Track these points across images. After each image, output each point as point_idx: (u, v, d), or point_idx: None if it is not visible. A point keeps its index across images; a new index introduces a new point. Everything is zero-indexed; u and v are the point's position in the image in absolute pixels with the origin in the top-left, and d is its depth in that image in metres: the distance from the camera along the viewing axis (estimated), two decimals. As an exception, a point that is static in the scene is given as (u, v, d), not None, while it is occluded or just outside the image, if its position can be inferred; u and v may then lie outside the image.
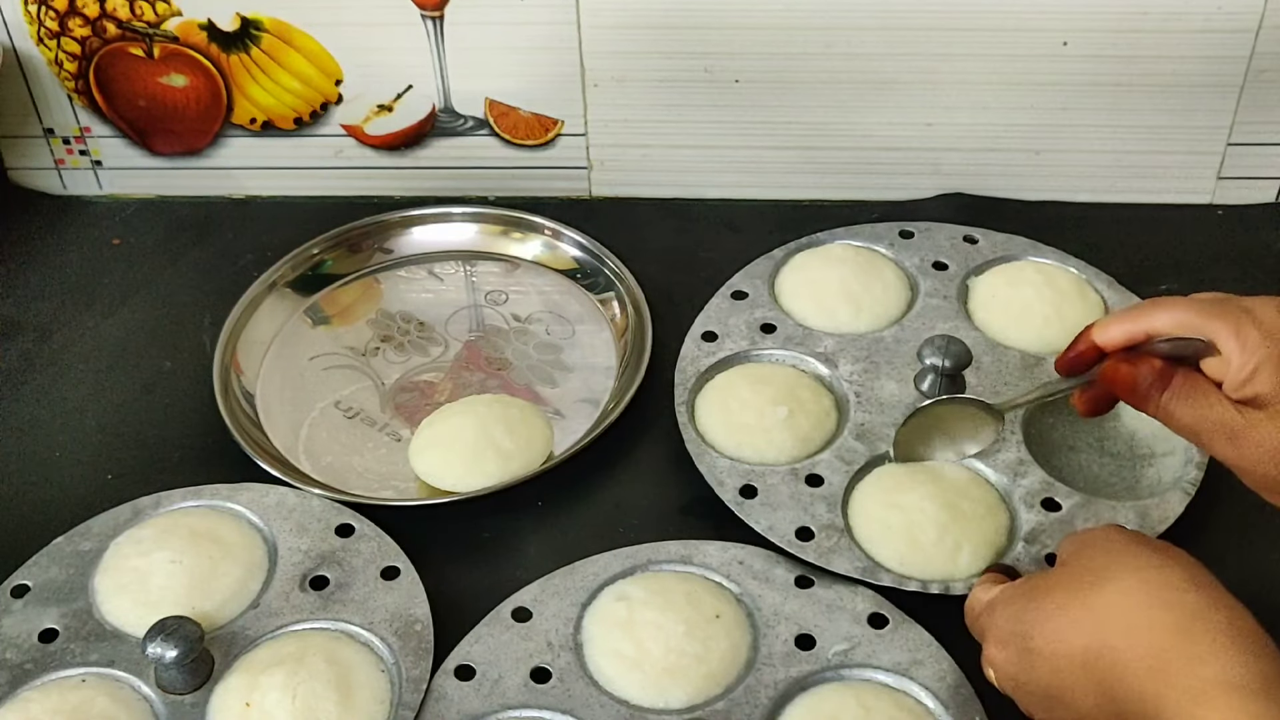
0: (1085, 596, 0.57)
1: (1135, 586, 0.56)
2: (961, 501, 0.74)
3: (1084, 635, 0.55)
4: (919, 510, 0.73)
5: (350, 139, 1.00)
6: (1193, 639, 0.53)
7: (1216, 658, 0.52)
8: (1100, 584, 0.57)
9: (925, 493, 0.74)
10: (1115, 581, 0.56)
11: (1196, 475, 0.75)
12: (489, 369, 0.88)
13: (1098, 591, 0.56)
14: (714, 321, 0.87)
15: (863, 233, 0.93)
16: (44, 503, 0.80)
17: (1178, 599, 0.54)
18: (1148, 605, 0.55)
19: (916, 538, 0.72)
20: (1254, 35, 0.90)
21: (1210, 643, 0.52)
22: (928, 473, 0.75)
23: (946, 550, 0.72)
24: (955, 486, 0.75)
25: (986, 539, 0.73)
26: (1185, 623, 0.53)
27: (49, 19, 0.95)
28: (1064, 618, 0.57)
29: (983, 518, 0.73)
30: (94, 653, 0.69)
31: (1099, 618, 0.55)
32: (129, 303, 0.94)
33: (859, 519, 0.75)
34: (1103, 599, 0.56)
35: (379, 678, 0.68)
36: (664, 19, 0.93)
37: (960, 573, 0.72)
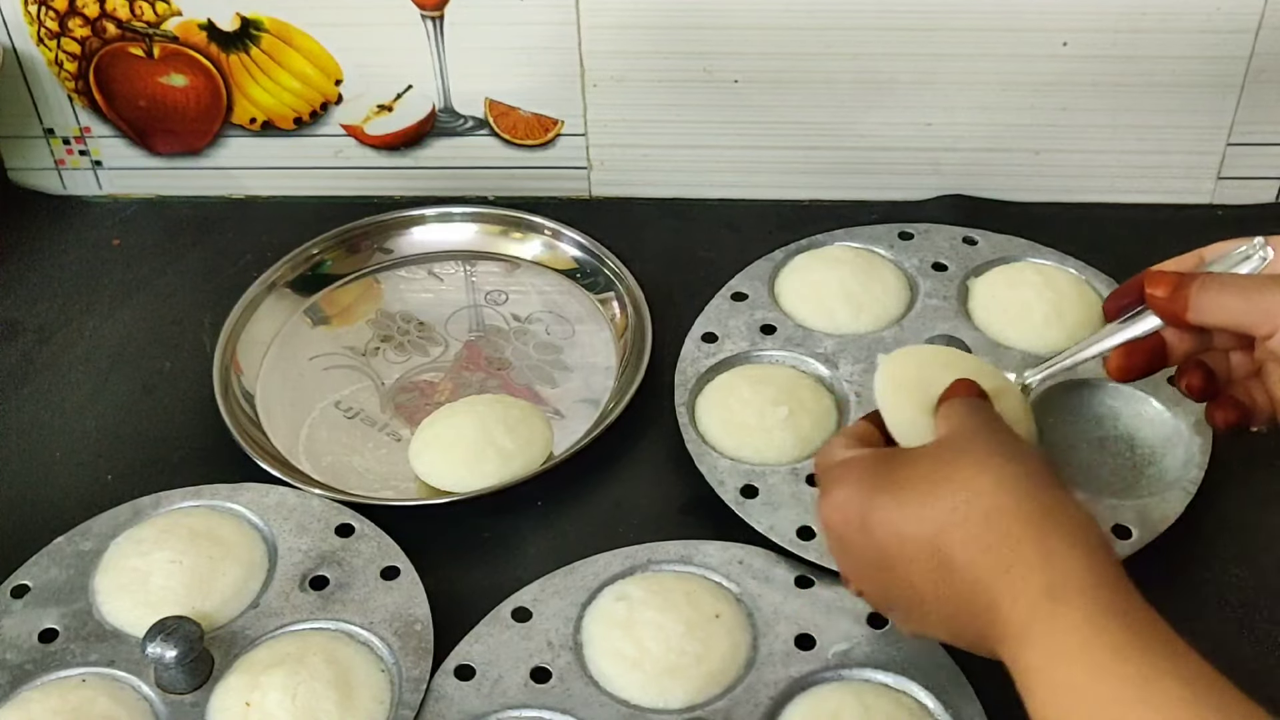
0: (931, 492, 0.56)
1: (978, 479, 0.55)
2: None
3: (930, 523, 0.55)
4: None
5: (350, 139, 1.00)
6: (1044, 532, 0.53)
7: (1071, 550, 0.52)
8: (945, 475, 0.56)
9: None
10: (958, 472, 0.56)
11: (1197, 475, 0.75)
12: (489, 369, 0.88)
13: (943, 485, 0.55)
14: (714, 323, 0.87)
15: (862, 234, 0.93)
16: (44, 503, 0.80)
17: (1032, 494, 0.54)
18: (993, 502, 0.54)
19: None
20: (1254, 35, 0.90)
21: (1062, 534, 0.52)
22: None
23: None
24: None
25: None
26: (1035, 517, 0.53)
27: (49, 19, 0.95)
28: (914, 499, 0.56)
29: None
30: (94, 653, 0.69)
31: (944, 516, 0.55)
32: (129, 303, 0.94)
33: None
34: (948, 494, 0.55)
35: (379, 677, 0.68)
36: (664, 19, 0.93)
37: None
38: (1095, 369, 0.81)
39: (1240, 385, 0.66)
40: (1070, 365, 0.69)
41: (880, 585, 0.59)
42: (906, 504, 0.56)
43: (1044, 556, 0.52)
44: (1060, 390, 0.81)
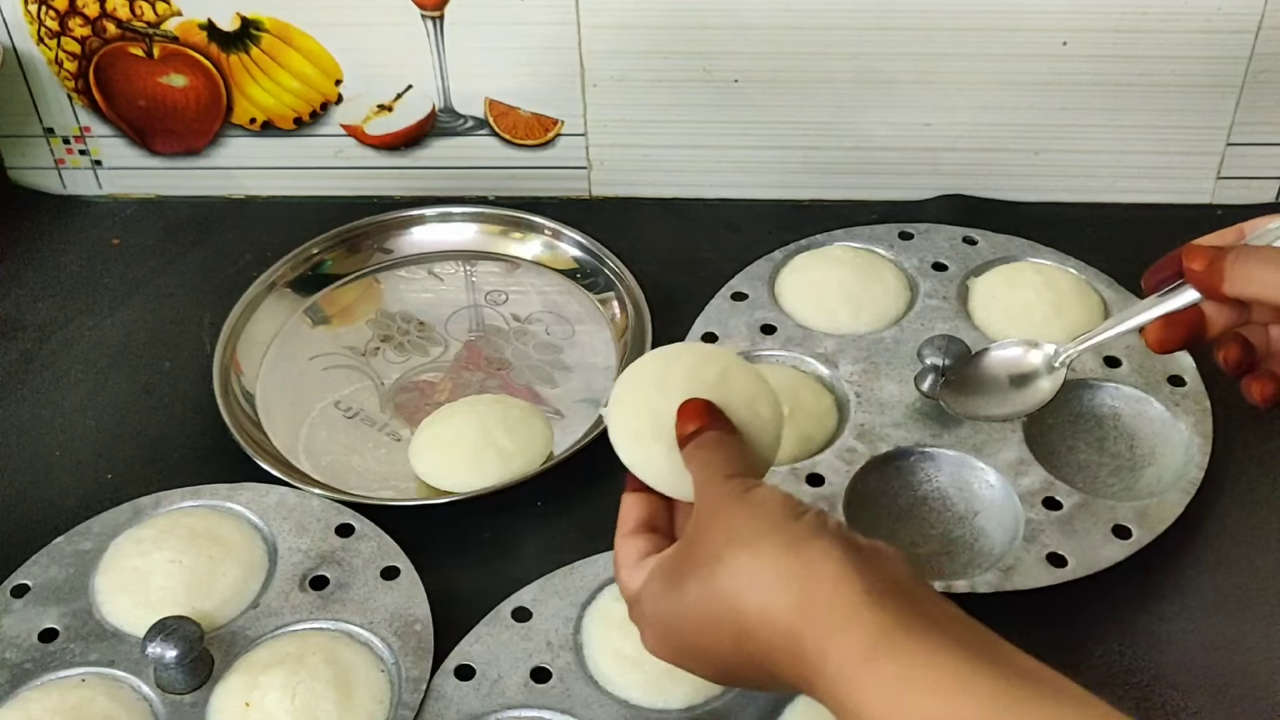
0: (713, 585, 0.54)
1: (752, 566, 0.53)
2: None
3: (727, 630, 0.53)
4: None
5: (350, 139, 1.00)
6: (815, 616, 0.51)
7: (845, 581, 0.50)
8: (721, 568, 0.53)
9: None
10: (733, 563, 0.53)
11: (1196, 475, 0.75)
12: (489, 369, 0.88)
13: (721, 577, 0.53)
14: (714, 323, 0.87)
15: (862, 234, 0.93)
16: (44, 502, 0.80)
17: (791, 574, 0.52)
18: (767, 586, 0.52)
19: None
20: (1254, 35, 0.90)
21: (827, 615, 0.50)
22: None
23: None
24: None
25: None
26: (804, 600, 0.51)
27: (49, 19, 0.95)
28: (703, 612, 0.54)
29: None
30: (94, 652, 0.69)
31: (731, 607, 0.53)
32: (129, 302, 0.94)
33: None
34: (728, 586, 0.53)
35: (379, 677, 0.68)
36: (663, 19, 0.93)
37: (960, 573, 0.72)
38: (1095, 369, 0.82)
39: (1278, 359, 0.65)
40: (1109, 338, 0.68)
41: (738, 679, 0.57)
42: (706, 625, 0.54)
43: (816, 640, 0.50)
44: (1060, 390, 0.81)
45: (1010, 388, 0.71)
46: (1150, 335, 0.66)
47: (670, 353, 0.63)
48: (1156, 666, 0.69)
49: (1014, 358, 0.72)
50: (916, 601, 0.51)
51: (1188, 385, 0.81)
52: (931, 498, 0.77)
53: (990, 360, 0.72)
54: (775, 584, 0.52)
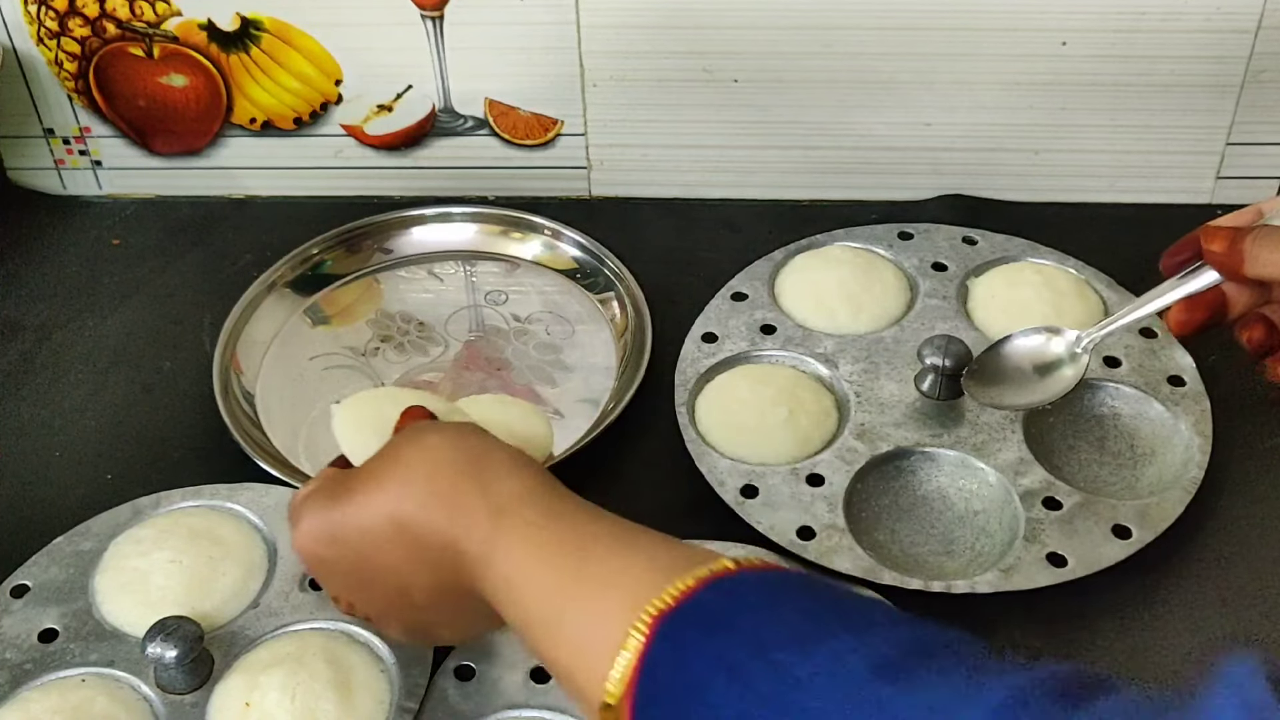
0: (379, 476, 0.58)
1: (417, 451, 0.58)
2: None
3: (384, 504, 0.57)
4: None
5: (350, 139, 1.00)
6: (480, 470, 0.56)
7: (506, 477, 0.56)
8: (389, 460, 0.58)
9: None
10: (400, 452, 0.58)
11: (1197, 475, 0.75)
12: (489, 369, 0.88)
13: (388, 467, 0.58)
14: (714, 323, 0.87)
15: (862, 234, 0.93)
16: (44, 502, 0.80)
17: (459, 445, 0.58)
18: (433, 460, 0.57)
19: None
20: (1253, 35, 0.90)
21: (495, 468, 0.56)
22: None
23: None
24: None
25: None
26: (470, 461, 0.57)
27: (49, 19, 0.95)
28: (365, 501, 0.58)
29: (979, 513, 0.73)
30: (94, 653, 0.69)
31: (395, 490, 0.57)
32: (129, 303, 0.94)
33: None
34: (394, 471, 0.57)
35: (379, 678, 0.68)
36: (663, 19, 0.93)
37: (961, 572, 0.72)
38: (1095, 368, 0.81)
39: None
40: (1130, 323, 0.68)
41: (367, 588, 0.60)
42: (360, 501, 0.58)
43: (482, 488, 0.55)
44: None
45: (1034, 375, 0.72)
46: (1172, 318, 0.66)
47: (411, 391, 0.70)
48: (1157, 666, 0.69)
49: (1037, 345, 0.72)
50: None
51: (1187, 385, 0.81)
52: (931, 498, 0.77)
53: (1014, 349, 0.72)
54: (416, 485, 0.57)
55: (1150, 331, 0.84)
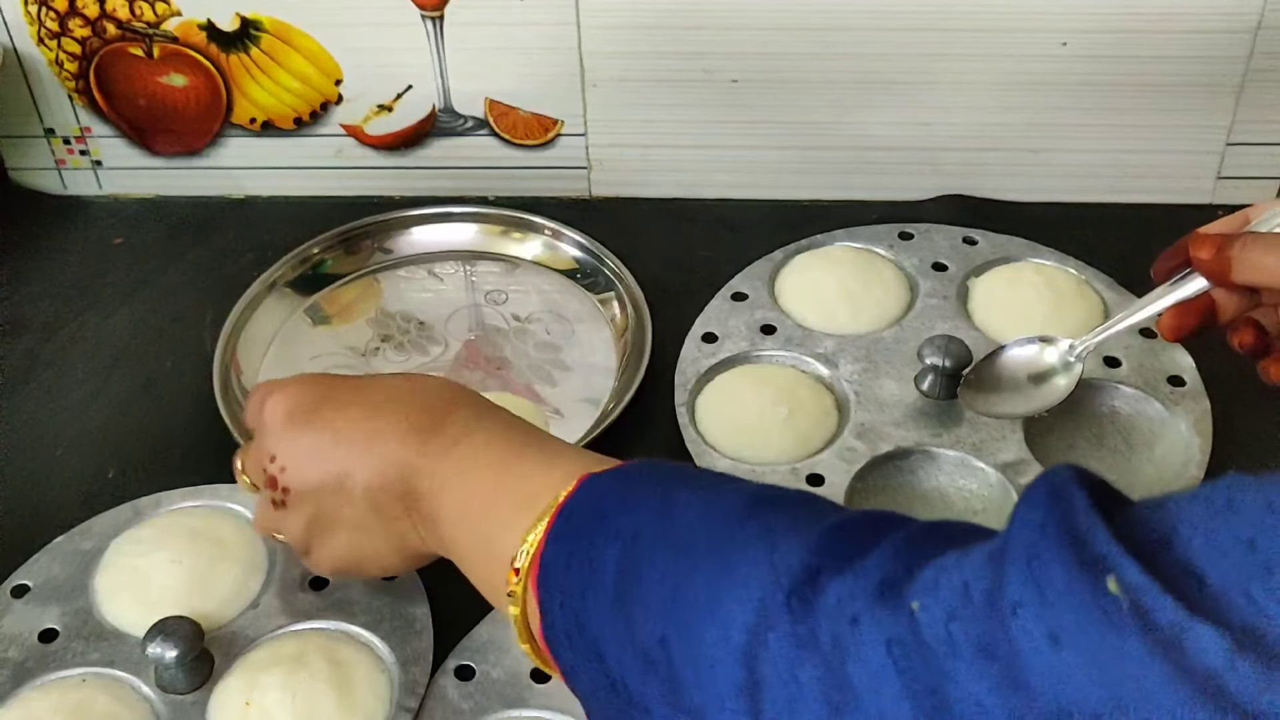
0: (326, 427, 0.62)
1: (363, 407, 0.62)
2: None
3: (334, 461, 0.62)
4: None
5: (350, 139, 1.00)
6: (450, 409, 0.61)
7: (453, 409, 0.61)
8: (336, 412, 0.62)
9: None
10: (343, 408, 0.63)
11: (1196, 474, 0.75)
12: (489, 368, 0.88)
13: (335, 417, 0.62)
14: (714, 323, 0.87)
15: (862, 234, 0.93)
16: (45, 502, 0.80)
17: (396, 391, 0.63)
18: (378, 408, 0.62)
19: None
20: (1253, 35, 0.90)
21: (444, 406, 0.61)
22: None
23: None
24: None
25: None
26: (412, 403, 0.62)
27: (49, 19, 0.95)
28: (313, 454, 0.62)
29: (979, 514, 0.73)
30: (94, 652, 0.69)
31: (344, 440, 0.61)
32: (129, 302, 0.94)
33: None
34: (341, 420, 0.62)
35: (379, 677, 0.68)
36: (663, 19, 0.93)
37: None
38: (1095, 368, 0.82)
39: None
40: (1123, 330, 0.69)
41: (313, 470, 0.62)
42: (351, 399, 0.63)
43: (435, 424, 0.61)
44: (1060, 390, 0.81)
45: (1029, 385, 0.72)
46: (1164, 324, 0.67)
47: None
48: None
49: (1030, 355, 0.72)
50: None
51: (1187, 385, 0.81)
52: (931, 497, 0.77)
53: (1008, 359, 0.73)
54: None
55: (1150, 332, 0.84)
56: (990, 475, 0.77)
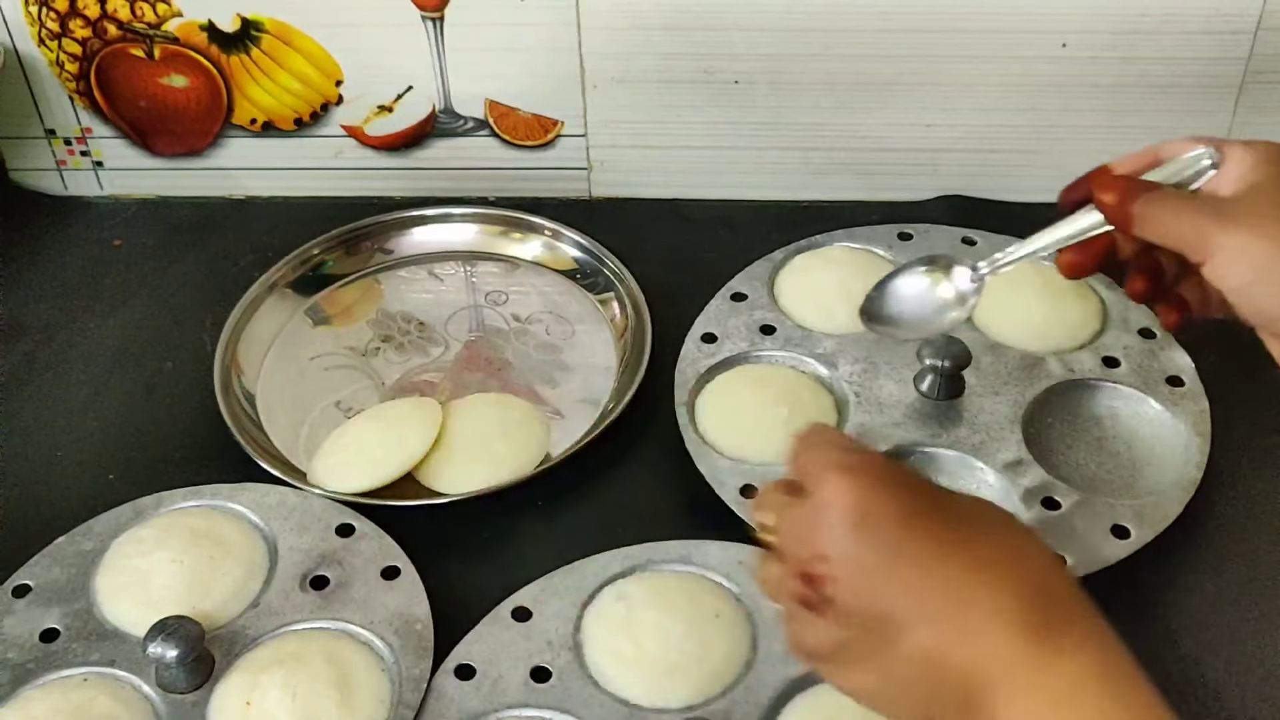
0: (908, 562, 0.50)
1: (1011, 554, 0.51)
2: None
3: (901, 606, 0.49)
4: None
5: (350, 139, 1.01)
6: (1051, 614, 0.49)
7: (1083, 641, 0.49)
8: (924, 544, 0.50)
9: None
10: (936, 543, 0.50)
11: (1196, 475, 0.76)
12: (489, 369, 0.88)
13: (923, 554, 0.50)
14: (713, 323, 0.87)
15: (861, 235, 0.93)
16: (45, 502, 0.80)
17: (1049, 571, 0.51)
18: (1019, 575, 0.50)
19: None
20: (1252, 37, 0.90)
21: (1069, 626, 0.49)
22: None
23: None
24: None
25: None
26: (1049, 598, 0.50)
27: (50, 20, 0.95)
28: (877, 580, 0.50)
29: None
30: (95, 652, 0.69)
31: (925, 588, 0.49)
32: (130, 303, 0.95)
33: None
34: (929, 560, 0.50)
35: (379, 677, 0.68)
36: (664, 20, 0.93)
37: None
38: (1094, 368, 0.82)
39: (1188, 282, 0.64)
40: (1021, 258, 0.66)
41: (870, 599, 0.50)
42: (947, 536, 0.51)
43: (1055, 645, 0.48)
44: (1060, 390, 0.81)
45: (929, 309, 0.68)
46: (1062, 261, 0.65)
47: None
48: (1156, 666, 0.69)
49: (927, 285, 0.69)
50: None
51: (1186, 385, 0.81)
52: (931, 498, 0.77)
53: (904, 285, 0.69)
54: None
55: (1149, 332, 0.84)
56: (989, 475, 0.77)
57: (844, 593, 0.50)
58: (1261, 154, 0.61)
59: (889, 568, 0.50)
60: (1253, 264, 0.58)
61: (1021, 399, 0.80)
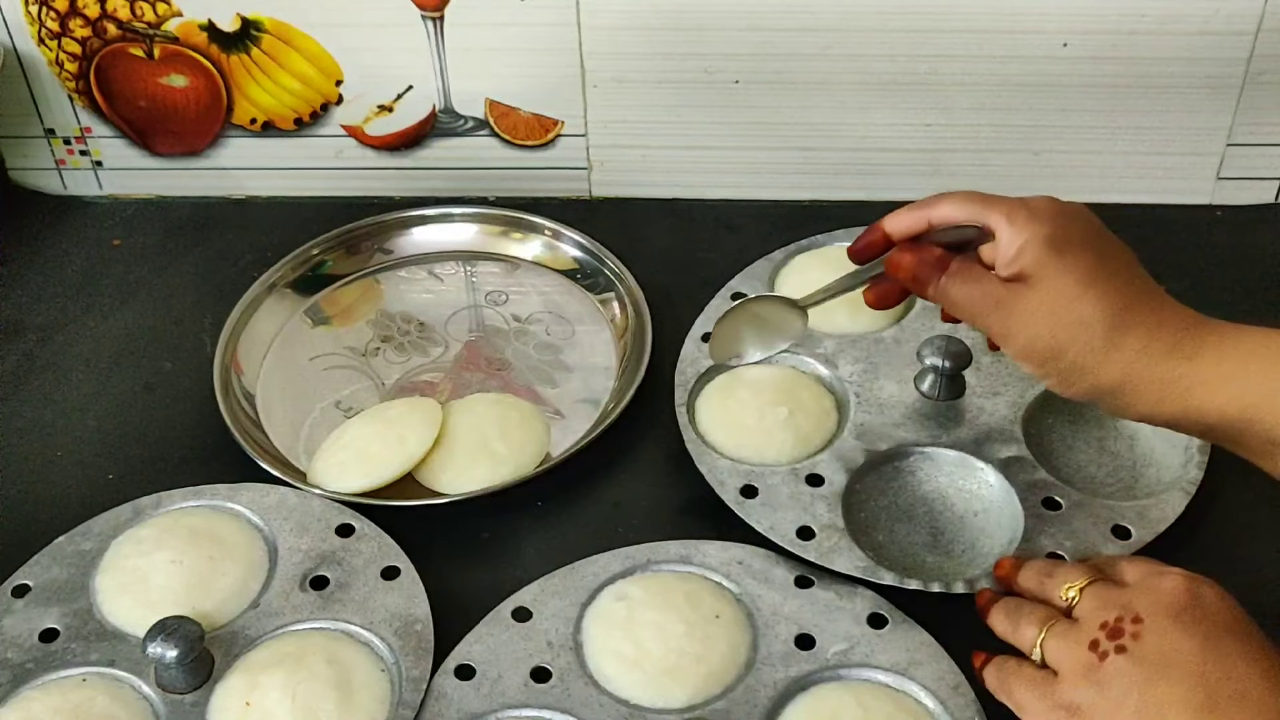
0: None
1: (1245, 665, 0.56)
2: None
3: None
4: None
5: (350, 139, 1.00)
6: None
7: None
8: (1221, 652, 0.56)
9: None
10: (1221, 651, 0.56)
11: (1196, 475, 0.75)
12: (489, 369, 0.88)
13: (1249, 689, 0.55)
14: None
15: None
16: (45, 502, 0.80)
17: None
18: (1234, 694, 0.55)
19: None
20: (1253, 37, 0.90)
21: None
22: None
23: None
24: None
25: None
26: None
27: (50, 19, 0.95)
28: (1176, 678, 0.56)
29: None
30: (94, 652, 0.69)
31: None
32: (129, 303, 0.94)
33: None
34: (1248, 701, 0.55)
35: (379, 677, 0.68)
36: (664, 20, 0.93)
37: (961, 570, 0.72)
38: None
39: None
40: (829, 299, 0.72)
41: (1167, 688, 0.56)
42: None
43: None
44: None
45: (759, 338, 0.75)
46: (868, 296, 0.71)
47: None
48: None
49: (759, 322, 0.75)
50: None
51: (1187, 385, 0.81)
52: (931, 498, 0.77)
53: (747, 314, 0.75)
54: None
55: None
56: (990, 475, 0.77)
57: (1143, 659, 0.57)
58: (1028, 227, 0.64)
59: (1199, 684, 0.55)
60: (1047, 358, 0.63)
61: (1022, 400, 0.80)
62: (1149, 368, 0.61)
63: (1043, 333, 0.62)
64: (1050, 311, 0.62)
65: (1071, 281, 0.62)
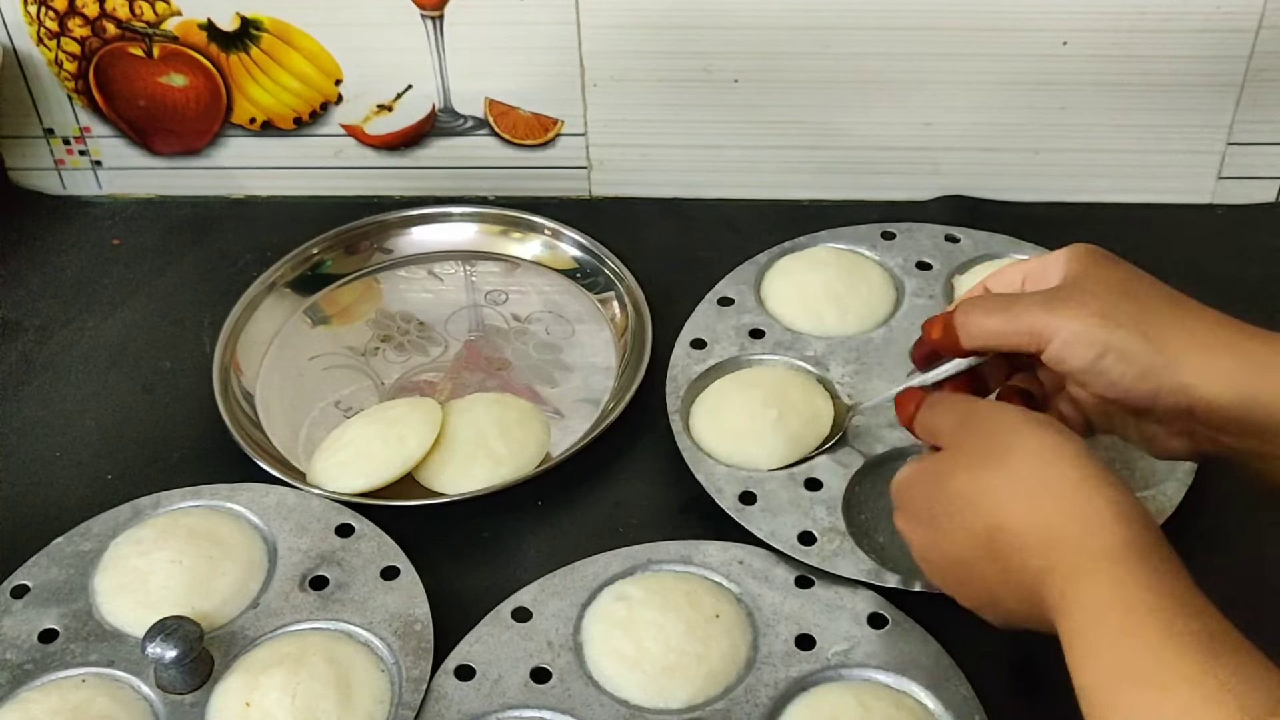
0: (982, 478, 0.58)
1: (1027, 466, 0.57)
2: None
3: (983, 516, 0.58)
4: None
5: (350, 139, 1.00)
6: (1080, 515, 0.55)
7: (1101, 530, 0.54)
8: (995, 465, 0.58)
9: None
10: (1008, 461, 0.58)
11: (1192, 466, 0.75)
12: (489, 369, 0.88)
13: (993, 473, 0.58)
14: (702, 328, 0.86)
15: (845, 235, 0.93)
16: (44, 503, 0.80)
17: (1066, 476, 0.56)
18: (1039, 483, 0.56)
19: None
20: (1253, 35, 0.90)
21: (1095, 516, 0.54)
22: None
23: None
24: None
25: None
26: (1071, 499, 0.55)
27: (49, 19, 0.95)
28: (965, 501, 0.59)
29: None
30: (94, 653, 0.69)
31: (996, 499, 0.57)
32: (129, 303, 0.94)
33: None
34: (998, 479, 0.58)
35: (379, 678, 0.68)
36: (663, 19, 0.93)
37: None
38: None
39: (1059, 399, 0.66)
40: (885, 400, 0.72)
41: (950, 568, 0.61)
42: (967, 491, 0.59)
43: (1083, 525, 0.54)
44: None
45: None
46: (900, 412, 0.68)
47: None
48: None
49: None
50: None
51: (1187, 384, 0.81)
52: (931, 498, 0.77)
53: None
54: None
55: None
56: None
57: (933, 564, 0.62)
58: (1071, 254, 0.63)
59: (937, 547, 0.61)
60: (1090, 341, 0.60)
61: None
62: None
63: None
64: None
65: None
